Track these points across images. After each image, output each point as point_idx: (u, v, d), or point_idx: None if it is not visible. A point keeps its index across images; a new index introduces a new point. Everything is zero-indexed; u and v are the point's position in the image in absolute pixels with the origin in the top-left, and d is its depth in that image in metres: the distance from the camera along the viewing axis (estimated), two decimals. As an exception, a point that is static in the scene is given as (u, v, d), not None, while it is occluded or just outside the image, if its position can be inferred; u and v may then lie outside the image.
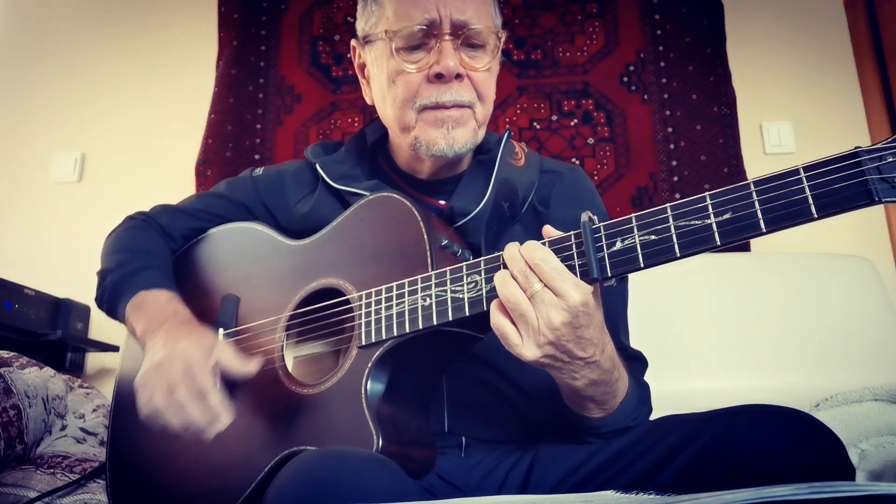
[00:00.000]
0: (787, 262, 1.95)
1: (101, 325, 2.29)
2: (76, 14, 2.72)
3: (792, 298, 1.87)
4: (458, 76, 1.02)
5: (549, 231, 0.83)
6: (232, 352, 0.95)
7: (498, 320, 0.79)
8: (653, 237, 0.75)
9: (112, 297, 1.11)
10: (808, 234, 2.09)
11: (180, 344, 0.94)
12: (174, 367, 0.91)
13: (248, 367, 0.95)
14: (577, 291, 0.76)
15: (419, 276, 0.89)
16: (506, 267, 0.81)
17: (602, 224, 0.78)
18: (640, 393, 0.96)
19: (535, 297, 0.77)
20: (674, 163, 2.27)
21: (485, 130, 1.11)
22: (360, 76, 1.17)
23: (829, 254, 1.97)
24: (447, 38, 1.01)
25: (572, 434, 0.95)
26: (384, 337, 0.90)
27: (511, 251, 0.80)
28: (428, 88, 1.02)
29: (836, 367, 1.75)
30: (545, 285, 0.77)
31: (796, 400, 1.41)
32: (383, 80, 1.07)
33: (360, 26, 1.13)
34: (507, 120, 2.37)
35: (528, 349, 0.78)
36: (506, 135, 1.14)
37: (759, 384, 1.76)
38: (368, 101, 1.16)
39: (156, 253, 1.17)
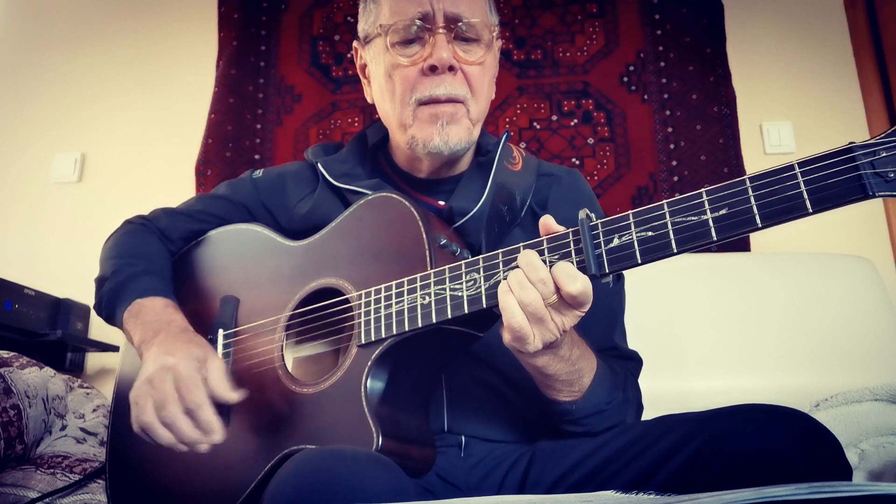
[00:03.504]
0: (787, 262, 1.95)
1: (101, 325, 2.26)
2: (76, 14, 2.72)
3: (792, 298, 1.87)
4: (452, 69, 1.04)
5: (548, 222, 0.83)
6: (221, 373, 0.93)
7: (520, 321, 0.79)
8: (650, 233, 0.75)
9: (109, 304, 1.11)
10: (808, 234, 2.11)
11: (172, 357, 0.93)
12: (165, 382, 0.90)
13: (232, 393, 0.93)
14: (589, 297, 0.79)
15: (418, 275, 0.89)
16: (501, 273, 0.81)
17: (599, 221, 0.79)
18: (614, 378, 0.97)
19: (553, 304, 0.79)
20: (674, 163, 2.27)
21: (480, 129, 1.12)
22: (361, 77, 1.20)
23: (829, 254, 1.96)
24: (440, 31, 1.03)
25: (553, 426, 0.96)
26: (384, 335, 0.90)
27: (530, 259, 0.80)
28: (423, 82, 1.04)
29: (836, 367, 1.75)
30: (562, 297, 0.78)
31: (796, 400, 1.41)
32: (381, 75, 1.09)
33: (361, 26, 1.16)
34: (507, 120, 2.37)
35: (536, 346, 0.80)
36: (504, 138, 1.15)
37: (758, 384, 1.76)
38: (369, 101, 1.18)
39: (154, 257, 1.16)
